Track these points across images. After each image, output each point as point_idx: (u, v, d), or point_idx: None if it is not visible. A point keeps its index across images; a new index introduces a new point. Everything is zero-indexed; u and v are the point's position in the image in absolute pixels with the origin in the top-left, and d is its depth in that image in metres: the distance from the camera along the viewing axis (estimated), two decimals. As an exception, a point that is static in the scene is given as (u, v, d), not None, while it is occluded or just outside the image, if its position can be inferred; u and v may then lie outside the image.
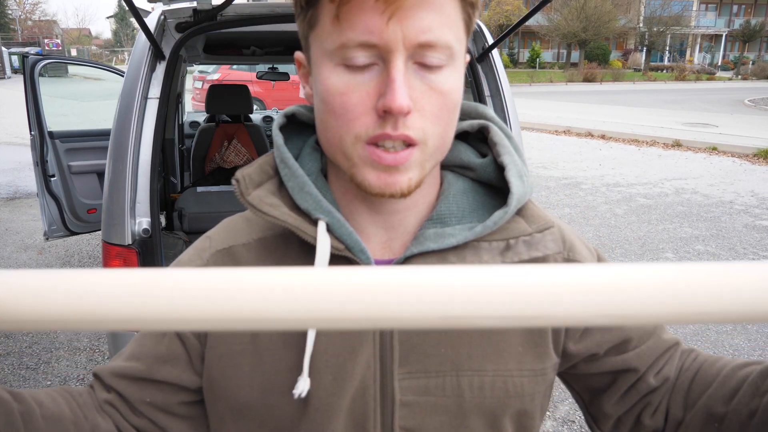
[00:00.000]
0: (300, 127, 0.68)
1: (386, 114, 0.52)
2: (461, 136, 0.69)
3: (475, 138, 0.69)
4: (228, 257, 0.65)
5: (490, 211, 0.64)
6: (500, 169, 0.64)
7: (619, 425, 0.69)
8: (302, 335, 0.61)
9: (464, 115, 0.68)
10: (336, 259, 0.60)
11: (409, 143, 0.54)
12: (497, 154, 0.64)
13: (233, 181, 0.62)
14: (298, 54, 0.62)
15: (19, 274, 0.28)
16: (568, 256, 0.65)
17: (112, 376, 0.66)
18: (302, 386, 0.59)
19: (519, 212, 0.64)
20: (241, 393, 0.63)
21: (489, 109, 0.68)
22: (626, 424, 0.68)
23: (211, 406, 0.67)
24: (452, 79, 0.55)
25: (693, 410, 0.63)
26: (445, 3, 0.52)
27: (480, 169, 0.66)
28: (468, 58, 0.63)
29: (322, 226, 0.59)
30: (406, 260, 0.61)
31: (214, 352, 0.64)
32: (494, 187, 0.66)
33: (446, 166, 0.67)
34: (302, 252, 0.62)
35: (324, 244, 0.58)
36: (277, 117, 0.66)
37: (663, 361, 0.66)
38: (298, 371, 0.60)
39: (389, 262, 0.63)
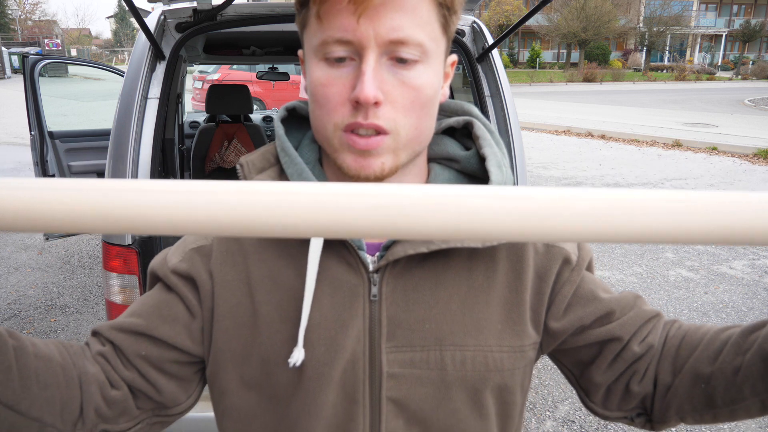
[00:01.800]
0: (299, 121, 0.74)
1: (358, 104, 0.57)
2: (449, 132, 0.75)
3: (461, 133, 0.74)
4: (232, 238, 0.69)
5: None
6: (483, 160, 0.69)
7: (609, 395, 0.72)
8: (298, 311, 0.66)
9: (451, 113, 0.75)
10: (328, 241, 0.66)
11: (380, 131, 0.59)
12: (479, 147, 0.70)
13: (237, 167, 0.69)
14: (300, 52, 0.67)
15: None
16: (547, 248, 0.71)
17: (111, 329, 0.69)
18: (297, 356, 0.64)
19: None
20: (243, 365, 0.68)
21: (473, 107, 0.74)
22: (616, 393, 0.71)
23: (215, 380, 0.71)
24: (425, 76, 0.60)
25: (681, 374, 0.66)
26: (417, 5, 0.57)
27: (464, 160, 0.71)
28: (455, 59, 0.69)
29: None
30: (393, 243, 0.66)
31: (220, 325, 0.68)
32: (478, 178, 0.72)
33: (433, 158, 0.73)
34: None
35: None
36: (279, 110, 0.72)
37: (646, 330, 0.70)
38: (294, 343, 0.65)
39: (378, 246, 0.68)
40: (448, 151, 0.72)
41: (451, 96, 0.73)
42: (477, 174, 0.71)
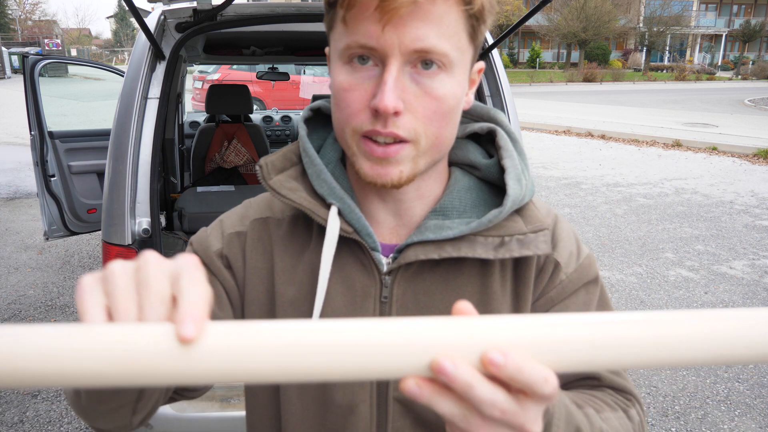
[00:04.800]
0: (324, 119, 0.76)
1: (378, 112, 0.57)
2: (473, 137, 0.75)
3: (486, 139, 0.74)
4: (263, 227, 0.73)
5: (491, 208, 0.68)
6: (503, 170, 0.69)
7: None
8: (311, 306, 0.68)
9: (477, 117, 0.74)
10: (345, 241, 0.67)
11: (399, 140, 0.59)
12: (501, 157, 0.69)
13: (256, 167, 0.70)
14: (327, 49, 0.68)
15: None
16: (546, 257, 0.70)
17: None
18: None
19: (519, 212, 0.68)
20: None
21: (499, 113, 0.74)
22: None
23: None
24: (447, 85, 0.59)
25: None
26: (444, 15, 0.56)
27: (485, 169, 0.71)
28: (482, 66, 0.69)
29: (333, 210, 0.66)
30: (407, 247, 0.66)
31: (249, 309, 0.72)
32: (498, 186, 0.71)
33: (455, 163, 0.73)
34: (320, 232, 0.69)
35: (333, 227, 0.65)
36: (304, 110, 0.74)
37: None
38: None
39: (393, 248, 0.69)
40: (470, 157, 0.72)
41: None
42: (497, 183, 0.71)
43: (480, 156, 0.72)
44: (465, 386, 0.38)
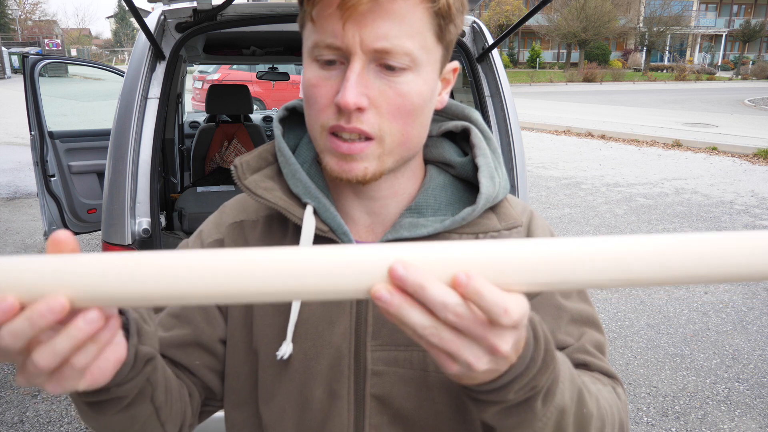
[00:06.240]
0: (300, 118, 0.76)
1: (341, 108, 0.58)
2: (449, 135, 0.76)
3: (462, 137, 0.75)
4: (239, 230, 0.74)
5: (465, 206, 0.70)
6: (477, 168, 0.70)
7: None
8: (289, 305, 0.68)
9: (452, 116, 0.75)
10: (320, 240, 0.67)
11: (365, 137, 0.60)
12: (474, 156, 0.70)
13: (232, 168, 0.71)
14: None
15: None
16: None
17: (169, 347, 0.71)
18: (285, 349, 0.67)
19: (493, 209, 0.71)
20: (241, 351, 0.73)
21: (474, 112, 0.75)
22: None
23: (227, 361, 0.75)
24: (413, 84, 0.60)
25: None
26: (407, 14, 0.57)
27: (459, 167, 0.72)
28: (456, 66, 0.69)
29: (309, 209, 0.67)
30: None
31: (231, 313, 0.73)
32: (473, 184, 0.72)
33: (431, 161, 0.74)
34: (296, 231, 0.70)
35: (309, 226, 0.66)
36: (279, 110, 0.75)
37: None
38: (283, 336, 0.68)
39: None
40: (444, 155, 0.73)
41: (452, 96, 0.73)
42: (471, 181, 0.72)
43: (455, 154, 0.73)
44: (417, 287, 0.39)
